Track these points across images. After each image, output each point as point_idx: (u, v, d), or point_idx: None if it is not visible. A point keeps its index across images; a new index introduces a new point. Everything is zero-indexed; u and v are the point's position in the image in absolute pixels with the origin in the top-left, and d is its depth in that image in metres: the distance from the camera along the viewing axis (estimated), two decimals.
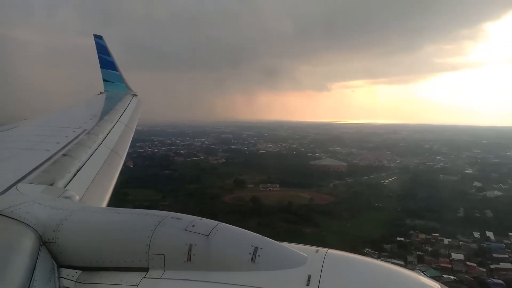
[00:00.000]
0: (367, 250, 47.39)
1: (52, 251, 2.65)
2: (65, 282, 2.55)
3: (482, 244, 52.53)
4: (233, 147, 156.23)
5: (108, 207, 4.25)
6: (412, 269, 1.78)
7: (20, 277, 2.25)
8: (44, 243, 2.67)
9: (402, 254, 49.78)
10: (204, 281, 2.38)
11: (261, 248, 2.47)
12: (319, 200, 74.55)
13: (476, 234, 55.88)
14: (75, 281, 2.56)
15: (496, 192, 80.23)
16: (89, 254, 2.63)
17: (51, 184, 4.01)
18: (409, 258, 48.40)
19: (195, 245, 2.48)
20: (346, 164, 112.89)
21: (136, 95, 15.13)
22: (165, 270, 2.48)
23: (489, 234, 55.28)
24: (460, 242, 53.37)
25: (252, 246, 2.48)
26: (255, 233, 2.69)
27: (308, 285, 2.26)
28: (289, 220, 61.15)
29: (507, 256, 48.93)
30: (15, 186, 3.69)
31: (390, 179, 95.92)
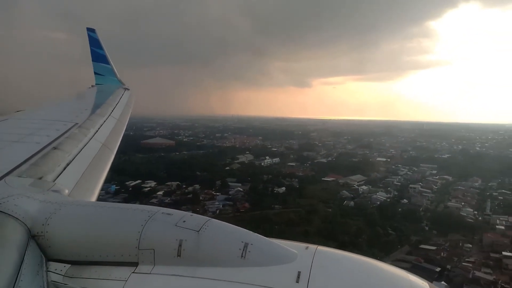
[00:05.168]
0: None
1: (40, 245, 2.62)
2: (53, 276, 2.53)
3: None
4: (131, 133, 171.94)
5: (97, 201, 4.19)
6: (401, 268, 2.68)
7: (8, 270, 2.23)
8: (33, 237, 2.64)
9: None
10: (194, 277, 2.39)
11: (251, 244, 2.49)
12: None
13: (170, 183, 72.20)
14: (63, 275, 2.55)
15: (245, 160, 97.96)
16: (78, 248, 2.62)
17: (40, 178, 3.95)
18: None
19: (186, 240, 2.49)
20: (173, 142, 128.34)
21: (128, 89, 15.01)
22: (154, 265, 2.49)
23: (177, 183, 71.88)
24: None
25: (242, 242, 2.51)
26: (245, 229, 2.73)
27: (297, 281, 2.29)
28: None
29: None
30: (3, 179, 3.61)
31: (189, 154, 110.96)
